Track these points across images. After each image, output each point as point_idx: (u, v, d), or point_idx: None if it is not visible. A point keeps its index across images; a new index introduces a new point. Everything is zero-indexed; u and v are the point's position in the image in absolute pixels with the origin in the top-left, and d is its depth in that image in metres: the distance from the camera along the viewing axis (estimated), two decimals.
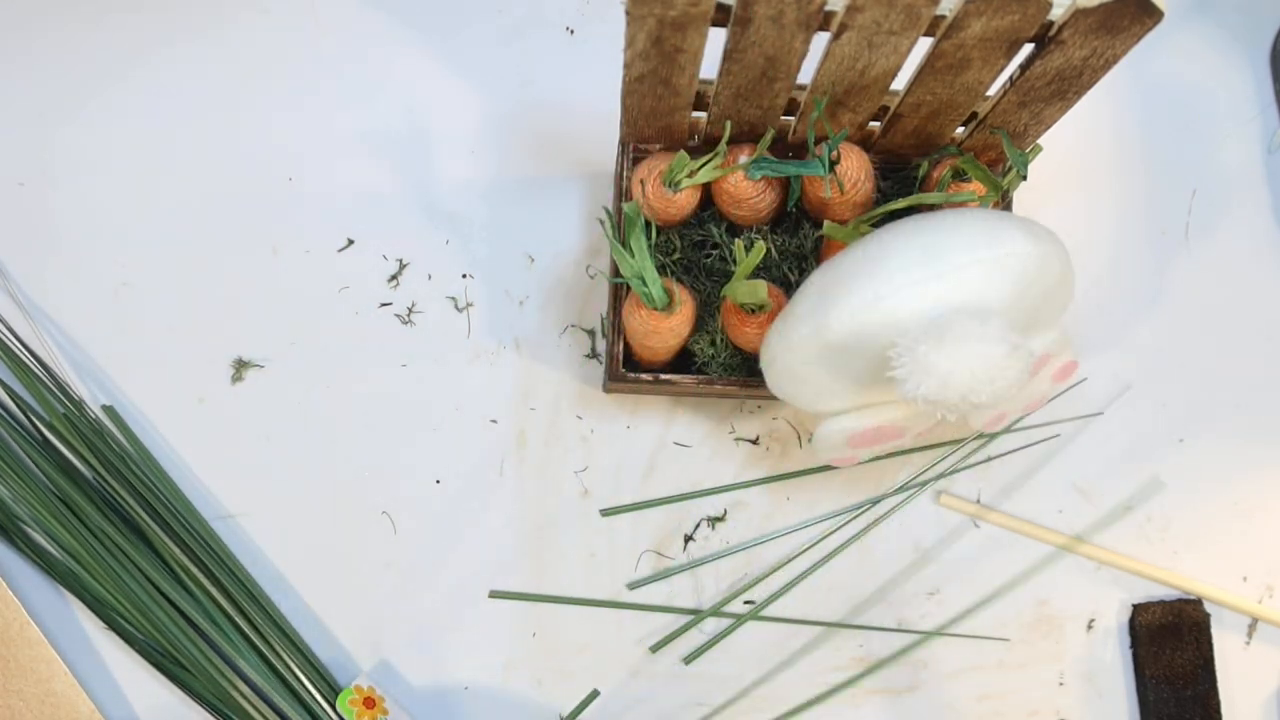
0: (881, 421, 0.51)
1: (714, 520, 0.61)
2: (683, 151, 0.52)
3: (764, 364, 0.52)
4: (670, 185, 0.54)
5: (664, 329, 0.53)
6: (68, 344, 0.61)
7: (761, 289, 0.51)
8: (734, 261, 0.57)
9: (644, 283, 0.50)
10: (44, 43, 0.63)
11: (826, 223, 0.53)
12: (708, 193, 0.56)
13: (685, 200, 0.54)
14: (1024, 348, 0.44)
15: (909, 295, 0.45)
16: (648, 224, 0.55)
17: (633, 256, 0.50)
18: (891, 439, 0.53)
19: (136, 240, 0.62)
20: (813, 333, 0.47)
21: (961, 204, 0.53)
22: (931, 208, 0.54)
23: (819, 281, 0.48)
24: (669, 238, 0.57)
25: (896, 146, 0.57)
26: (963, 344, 0.43)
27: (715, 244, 0.57)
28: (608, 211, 0.49)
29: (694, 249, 0.57)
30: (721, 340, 0.56)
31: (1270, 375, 0.64)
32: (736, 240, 0.52)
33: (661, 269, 0.57)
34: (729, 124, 0.49)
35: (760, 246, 0.49)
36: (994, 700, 0.60)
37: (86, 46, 0.64)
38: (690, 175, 0.53)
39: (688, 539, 0.61)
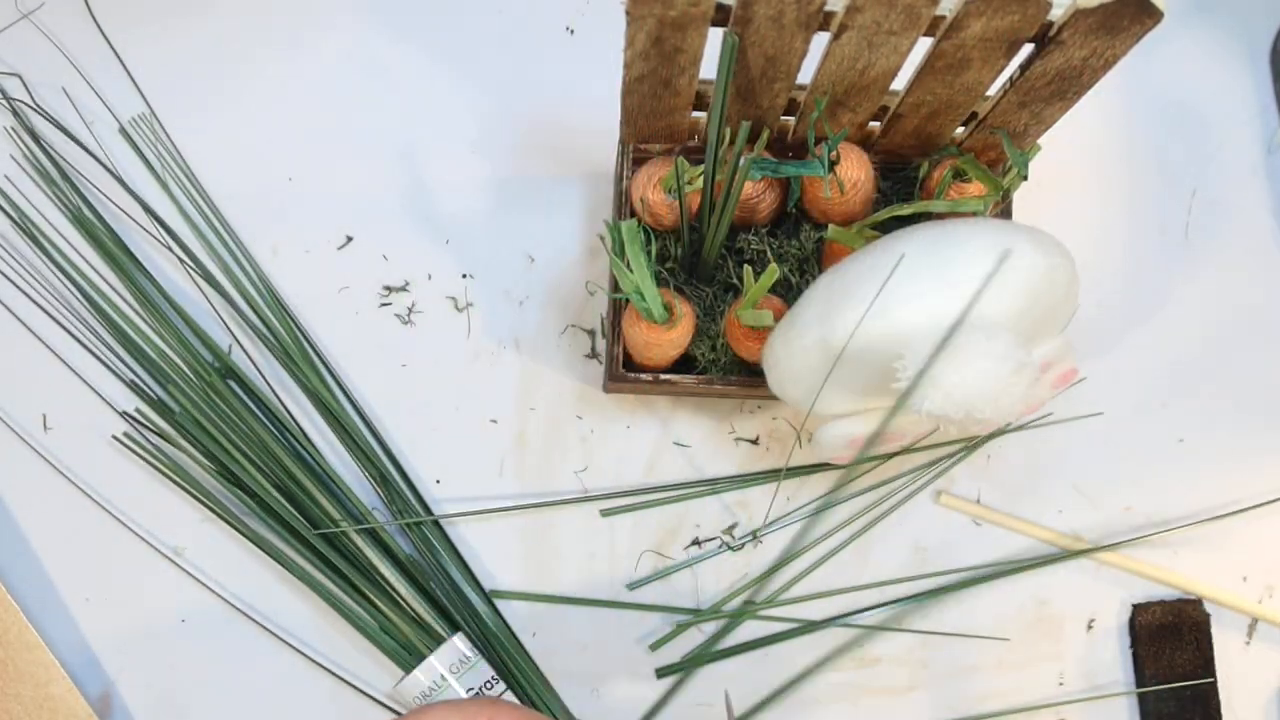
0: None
1: (729, 539, 0.61)
2: (682, 158, 0.52)
3: (766, 366, 0.52)
4: (670, 192, 0.54)
5: (664, 341, 0.53)
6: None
7: (767, 317, 0.51)
8: (738, 276, 0.57)
9: (643, 298, 0.50)
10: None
11: (831, 227, 0.53)
12: None
13: (687, 205, 0.54)
14: (1030, 364, 0.44)
15: (916, 307, 0.45)
16: (647, 233, 0.55)
17: (631, 272, 0.49)
18: (893, 442, 0.53)
19: None
20: (818, 340, 0.47)
21: (969, 214, 0.53)
22: (937, 214, 0.54)
23: (825, 288, 0.48)
24: (666, 244, 0.57)
25: (896, 146, 0.57)
26: (969, 360, 0.43)
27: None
28: (609, 225, 0.49)
29: (693, 253, 0.56)
30: (723, 346, 0.56)
31: (1270, 375, 0.64)
32: (746, 266, 0.52)
33: (660, 279, 0.57)
34: (744, 127, 0.49)
35: (772, 270, 0.49)
36: (994, 700, 0.60)
37: (84, 39, 0.64)
38: (690, 182, 0.53)
39: (696, 542, 0.61)
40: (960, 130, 0.55)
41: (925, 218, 0.55)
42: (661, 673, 0.59)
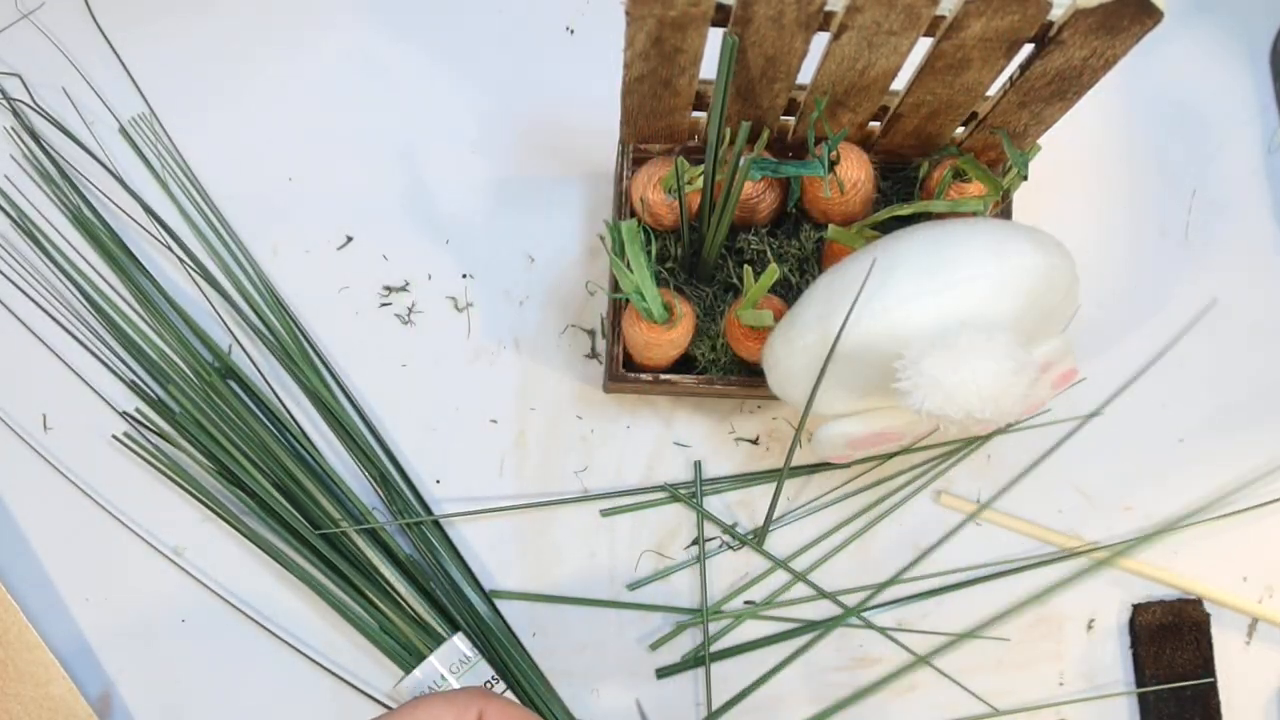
0: (883, 427, 0.51)
1: (729, 539, 0.61)
2: (682, 158, 0.52)
3: (767, 366, 0.52)
4: (670, 192, 0.54)
5: (664, 341, 0.53)
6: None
7: (767, 317, 0.51)
8: (738, 276, 0.57)
9: (643, 298, 0.50)
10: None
11: (831, 227, 0.53)
12: None
13: (687, 205, 0.54)
14: (1030, 364, 0.44)
15: (916, 307, 0.45)
16: (647, 233, 0.55)
17: (631, 272, 0.49)
18: (892, 442, 0.53)
19: None
20: (817, 340, 0.47)
21: (969, 214, 0.53)
22: (937, 214, 0.54)
23: (825, 288, 0.48)
24: (666, 244, 0.57)
25: (896, 146, 0.57)
26: (969, 359, 0.43)
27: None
28: (609, 225, 0.49)
29: (693, 253, 0.56)
30: (723, 346, 0.56)
31: (1270, 375, 0.63)
32: (746, 266, 0.52)
33: (660, 279, 0.57)
34: (744, 127, 0.49)
35: (772, 270, 0.49)
36: (994, 700, 0.60)
37: (84, 39, 0.64)
38: (690, 182, 0.53)
39: (698, 543, 0.61)
40: (960, 130, 0.55)
41: (925, 218, 0.55)
42: (661, 673, 0.59)
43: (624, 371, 0.56)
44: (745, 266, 0.52)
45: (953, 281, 0.45)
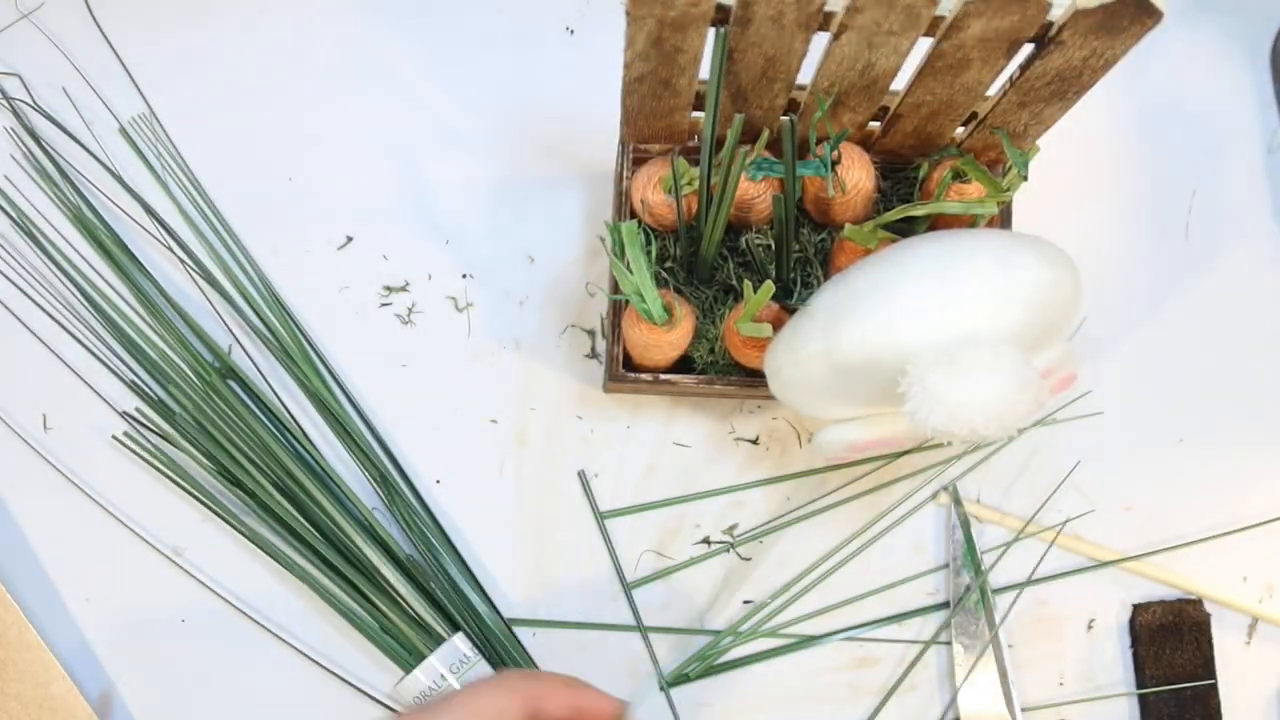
0: (884, 434, 0.51)
1: (729, 539, 0.61)
2: (682, 159, 0.52)
3: (769, 373, 0.51)
4: (670, 192, 0.54)
5: (664, 343, 0.53)
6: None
7: (766, 330, 0.51)
8: (737, 278, 0.57)
9: (643, 299, 0.50)
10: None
11: (848, 226, 0.53)
12: None
13: (685, 206, 0.54)
14: (1035, 380, 0.44)
15: (920, 321, 0.45)
16: (647, 234, 0.55)
17: (631, 274, 0.49)
18: (893, 447, 0.53)
19: None
20: (821, 351, 0.47)
21: (979, 215, 0.53)
22: (950, 214, 0.54)
23: (830, 298, 0.48)
24: (666, 244, 0.57)
25: (896, 146, 0.57)
26: (974, 376, 0.43)
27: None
28: (609, 226, 0.49)
29: (692, 253, 0.56)
30: (721, 349, 0.56)
31: (1270, 375, 0.63)
32: (746, 281, 0.52)
33: (660, 279, 0.57)
34: (737, 122, 0.49)
35: (768, 287, 0.49)
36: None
37: (84, 39, 0.64)
38: (690, 183, 0.53)
39: (708, 543, 0.61)
40: (960, 130, 0.55)
41: (937, 217, 0.55)
42: (670, 682, 0.59)
43: (624, 372, 0.56)
44: (744, 280, 0.52)
45: (958, 296, 0.45)
